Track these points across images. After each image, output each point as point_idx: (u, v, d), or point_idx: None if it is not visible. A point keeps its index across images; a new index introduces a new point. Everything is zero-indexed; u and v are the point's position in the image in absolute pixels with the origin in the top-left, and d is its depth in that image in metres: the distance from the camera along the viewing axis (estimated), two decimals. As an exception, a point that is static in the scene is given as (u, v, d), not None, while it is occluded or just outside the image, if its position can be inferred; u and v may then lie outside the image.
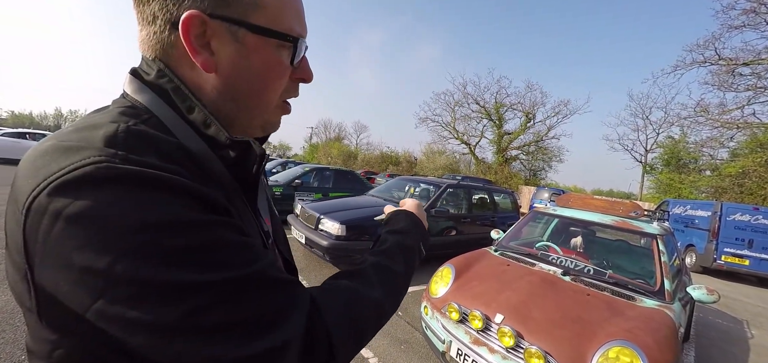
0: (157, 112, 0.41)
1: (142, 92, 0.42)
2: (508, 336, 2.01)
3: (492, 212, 6.80)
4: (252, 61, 0.43)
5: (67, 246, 0.29)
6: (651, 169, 25.48)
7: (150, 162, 0.33)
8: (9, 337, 2.31)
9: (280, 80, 0.47)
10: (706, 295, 2.50)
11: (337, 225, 4.24)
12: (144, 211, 0.31)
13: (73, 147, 0.33)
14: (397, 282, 0.54)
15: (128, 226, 0.30)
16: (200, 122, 0.42)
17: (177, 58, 0.43)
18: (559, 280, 2.60)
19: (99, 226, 0.29)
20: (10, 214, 0.34)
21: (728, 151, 18.94)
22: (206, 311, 0.32)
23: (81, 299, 0.30)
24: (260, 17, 0.42)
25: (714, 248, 8.25)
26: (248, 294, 0.35)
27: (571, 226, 3.93)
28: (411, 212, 0.69)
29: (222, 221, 0.36)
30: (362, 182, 9.33)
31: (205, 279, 0.32)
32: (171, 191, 0.33)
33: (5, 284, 2.96)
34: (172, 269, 0.31)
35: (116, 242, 0.29)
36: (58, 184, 0.30)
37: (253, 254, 0.37)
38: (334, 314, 0.42)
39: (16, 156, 12.11)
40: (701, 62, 17.95)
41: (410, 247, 0.60)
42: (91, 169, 0.30)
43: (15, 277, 0.34)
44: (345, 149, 41.22)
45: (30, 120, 61.74)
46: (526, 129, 29.16)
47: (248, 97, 0.45)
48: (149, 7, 0.40)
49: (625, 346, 1.82)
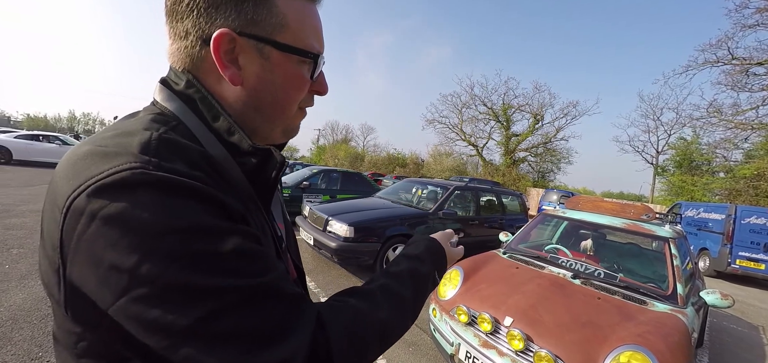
0: (185, 119, 0.45)
1: (171, 101, 0.46)
2: (517, 339, 2.00)
3: (500, 214, 6.76)
4: (276, 75, 0.47)
5: (99, 244, 0.32)
6: (662, 171, 25.02)
7: (179, 169, 0.36)
8: (26, 334, 2.37)
9: (300, 92, 0.50)
10: (720, 300, 2.45)
11: (345, 227, 4.27)
12: (172, 215, 0.33)
13: (110, 152, 0.35)
14: (404, 307, 0.53)
15: (157, 228, 0.32)
16: (224, 130, 0.45)
17: (205, 71, 0.46)
18: (569, 283, 2.57)
19: (130, 227, 0.31)
20: (49, 212, 0.37)
21: (742, 152, 18.57)
22: (218, 317, 0.33)
23: (106, 295, 0.32)
24: (285, 36, 0.46)
25: (728, 252, 8.07)
26: (259, 304, 0.36)
27: (581, 229, 3.89)
28: (433, 238, 0.70)
29: (240, 229, 0.38)
30: (369, 184, 9.35)
31: (220, 284, 0.34)
32: (197, 198, 0.35)
33: (24, 282, 3.05)
34: (191, 272, 0.32)
35: (144, 243, 0.31)
36: (97, 187, 0.32)
37: (266, 264, 0.39)
38: (338, 331, 0.42)
39: (31, 157, 12.39)
40: (714, 62, 17.65)
41: (423, 274, 0.60)
42: (128, 174, 0.33)
43: (48, 271, 0.37)
44: (352, 151, 41.36)
45: (45, 123, 63.15)
46: (534, 130, 28.92)
47: (271, 108, 0.49)
48: (182, 24, 0.43)
49: (636, 351, 1.80)
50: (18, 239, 4.15)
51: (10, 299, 2.76)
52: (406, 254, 0.63)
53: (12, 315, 2.55)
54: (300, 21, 0.47)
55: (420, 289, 0.58)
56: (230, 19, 0.42)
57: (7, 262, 3.44)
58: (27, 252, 3.78)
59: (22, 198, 6.45)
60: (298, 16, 0.47)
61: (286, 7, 0.45)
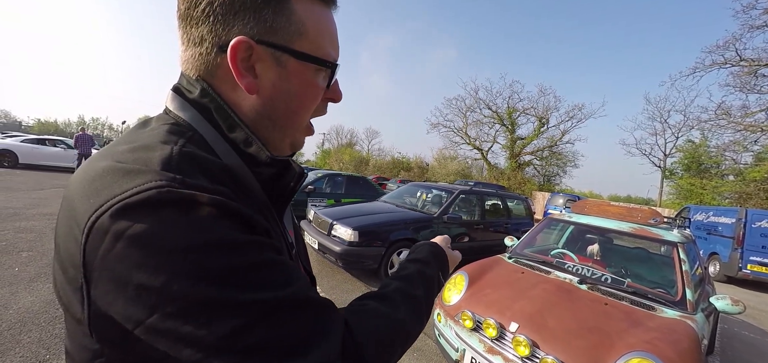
0: (200, 129, 0.44)
1: (185, 110, 0.45)
2: (523, 345, 1.98)
3: (505, 219, 6.72)
4: (292, 84, 0.46)
5: (126, 264, 0.31)
6: (670, 174, 24.74)
7: (203, 185, 0.35)
8: (35, 336, 2.39)
9: (314, 101, 0.50)
10: (731, 306, 2.41)
11: (349, 231, 4.27)
12: (200, 232, 0.33)
13: (132, 169, 0.35)
14: (419, 307, 0.55)
15: (185, 246, 0.32)
16: (241, 141, 0.44)
17: (220, 78, 0.45)
18: (576, 288, 2.54)
19: (158, 246, 0.31)
20: (66, 230, 0.36)
21: (752, 155, 18.28)
22: (249, 330, 0.33)
23: (134, 314, 0.32)
24: (303, 44, 0.45)
25: (739, 257, 7.93)
26: (289, 314, 0.36)
27: (588, 234, 3.85)
28: (434, 243, 0.71)
29: (265, 242, 0.38)
30: (374, 188, 9.36)
31: (250, 298, 0.34)
32: (223, 213, 0.35)
33: (32, 285, 3.08)
34: (221, 288, 0.32)
35: (173, 262, 0.31)
36: (120, 207, 0.32)
37: (291, 274, 0.39)
38: (366, 336, 0.43)
39: (37, 161, 12.57)
40: (721, 64, 17.47)
41: (430, 276, 0.61)
42: (153, 193, 0.32)
43: (66, 289, 0.36)
44: (356, 155, 41.47)
45: (55, 127, 64.17)
46: (539, 134, 28.78)
47: (285, 117, 0.48)
48: (198, 30, 0.42)
49: (645, 358, 1.77)
50: (28, 242, 4.21)
51: (19, 302, 2.80)
52: (412, 259, 0.64)
53: (21, 317, 2.58)
54: (318, 28, 0.46)
55: (430, 290, 0.59)
56: (248, 27, 0.41)
57: (17, 265, 3.49)
58: (36, 255, 3.83)
59: (32, 202, 6.55)
60: (316, 24, 0.46)
61: (305, 15, 0.44)
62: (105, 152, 0.40)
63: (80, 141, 12.08)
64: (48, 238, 4.49)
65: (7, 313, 2.61)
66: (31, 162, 12.50)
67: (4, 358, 2.14)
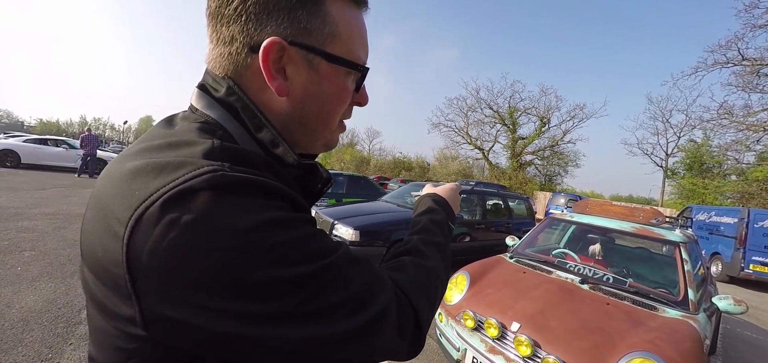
0: (229, 128, 0.43)
1: (213, 108, 0.44)
2: (524, 345, 1.98)
3: (507, 218, 6.71)
4: (323, 87, 0.45)
5: (184, 251, 0.30)
6: (672, 174, 24.64)
7: (252, 171, 0.36)
8: (37, 335, 2.40)
9: (344, 105, 0.49)
10: (733, 306, 2.40)
11: (350, 230, 4.27)
12: (256, 212, 0.33)
13: (174, 163, 0.34)
14: (444, 251, 0.59)
15: (245, 226, 0.32)
16: (268, 142, 0.44)
17: (248, 79, 0.43)
18: (577, 288, 2.54)
19: (218, 228, 0.31)
20: (101, 229, 0.34)
21: (755, 154, 18.21)
22: (316, 296, 0.35)
23: (200, 299, 0.31)
24: (335, 46, 0.44)
25: (741, 256, 7.91)
26: (344, 273, 0.38)
27: (589, 233, 3.84)
28: (435, 193, 0.73)
29: (308, 218, 0.40)
30: (375, 188, 9.35)
31: (314, 267, 0.35)
32: (272, 194, 0.36)
33: (35, 284, 3.10)
34: (284, 261, 0.33)
35: (236, 242, 0.31)
36: (173, 195, 0.31)
37: (333, 242, 0.40)
38: (409, 286, 0.46)
39: (39, 161, 12.60)
40: (724, 63, 17.41)
41: (441, 221, 0.65)
42: (208, 177, 0.32)
43: (105, 292, 0.34)
44: (358, 155, 41.48)
45: (57, 127, 64.39)
46: (540, 133, 28.71)
47: (315, 120, 0.48)
48: (228, 29, 0.41)
49: (646, 358, 1.77)
50: (30, 242, 4.22)
51: (21, 301, 2.81)
52: (420, 212, 0.67)
53: (23, 317, 2.59)
54: (350, 31, 0.45)
55: (446, 234, 0.63)
56: (282, 27, 0.40)
57: (19, 265, 3.51)
58: (38, 255, 3.85)
59: (34, 201, 6.57)
60: (349, 26, 0.45)
61: (339, 16, 0.44)
62: (133, 152, 0.39)
63: (86, 141, 12.12)
64: (50, 237, 4.51)
65: (10, 313, 2.62)
66: (34, 162, 12.54)
67: (7, 357, 2.15)
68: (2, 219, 5.05)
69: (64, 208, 6.32)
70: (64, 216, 5.75)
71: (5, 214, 5.31)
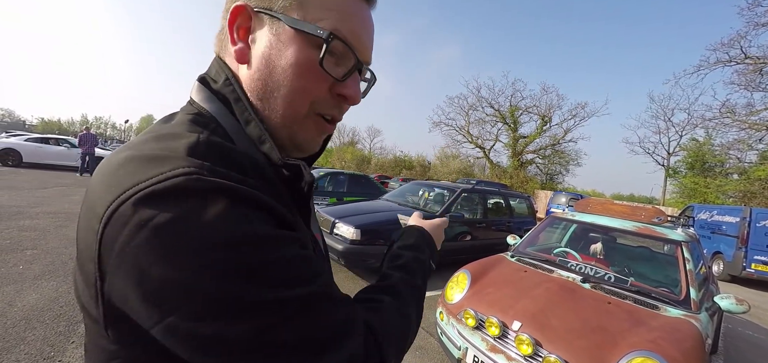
0: (223, 122, 0.43)
1: (210, 102, 0.44)
2: (526, 344, 1.98)
3: (508, 217, 6.70)
4: (283, 57, 0.41)
5: (149, 256, 0.28)
6: (674, 173, 24.54)
7: (232, 175, 0.34)
8: (39, 334, 2.41)
9: (306, 81, 0.42)
10: (735, 305, 2.39)
11: (351, 229, 4.27)
12: (230, 224, 0.30)
13: (157, 156, 0.33)
14: (420, 297, 0.57)
15: (214, 239, 0.29)
16: (256, 138, 0.43)
17: (225, 49, 0.45)
18: (579, 287, 2.54)
19: (186, 237, 0.29)
20: (85, 223, 0.34)
21: (757, 153, 18.11)
22: (279, 328, 0.32)
23: (155, 311, 0.29)
24: (302, 13, 0.41)
25: (743, 256, 7.88)
26: (315, 311, 0.35)
27: (591, 232, 3.83)
28: (422, 228, 0.70)
29: (292, 236, 0.36)
30: (376, 186, 9.35)
31: (278, 296, 0.32)
32: (252, 206, 0.33)
33: (37, 283, 3.11)
34: (250, 284, 0.31)
35: (202, 255, 0.29)
36: (146, 194, 0.30)
37: (316, 269, 0.38)
38: (383, 334, 0.43)
39: (41, 160, 12.63)
40: (726, 62, 17.32)
41: (424, 261, 0.62)
42: (183, 180, 0.30)
43: (82, 286, 0.35)
44: (358, 153, 41.43)
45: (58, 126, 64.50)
46: (542, 132, 28.64)
47: (273, 97, 0.43)
48: (225, 6, 0.44)
49: (648, 357, 1.76)
50: (32, 240, 4.24)
51: (23, 299, 2.82)
52: (405, 245, 0.64)
53: (25, 315, 2.60)
54: (321, 3, 0.42)
55: (425, 278, 0.61)
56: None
57: (21, 263, 3.52)
58: (40, 253, 3.86)
59: (36, 200, 6.59)
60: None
61: None
62: (127, 145, 0.39)
63: (84, 140, 12.14)
64: (52, 236, 4.52)
65: (12, 311, 2.63)
66: (35, 161, 12.57)
67: (10, 355, 2.16)
68: (4, 218, 5.06)
69: (65, 207, 6.34)
70: (66, 215, 5.76)
71: (7, 213, 5.33)
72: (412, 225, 0.72)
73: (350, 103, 0.47)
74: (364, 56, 0.46)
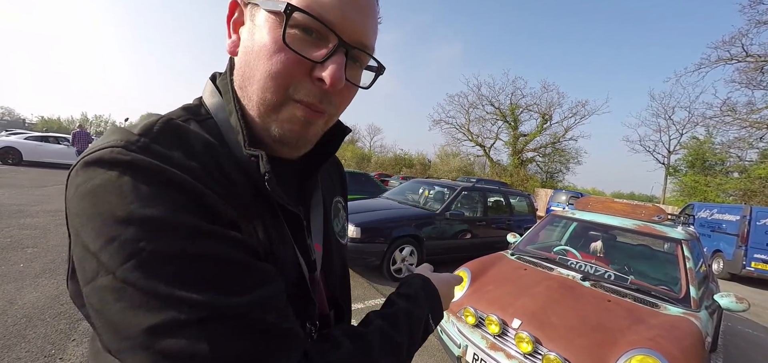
0: (217, 114, 0.44)
1: (213, 95, 0.46)
2: (525, 342, 1.98)
3: (508, 215, 6.71)
4: (254, 37, 0.40)
5: (77, 220, 0.32)
6: (674, 171, 24.54)
7: (171, 156, 0.34)
8: (40, 331, 2.41)
9: (274, 61, 0.38)
10: (735, 303, 2.39)
11: (351, 227, 4.27)
12: (142, 202, 0.30)
13: (113, 132, 0.36)
14: (399, 354, 0.47)
15: (123, 214, 0.30)
16: (233, 128, 0.43)
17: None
18: (579, 285, 2.54)
19: (99, 207, 0.31)
20: None
21: (758, 152, 18.13)
22: (175, 332, 0.29)
23: (80, 275, 0.32)
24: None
25: (743, 254, 7.88)
26: (227, 327, 0.30)
27: (591, 230, 3.83)
28: (429, 279, 0.62)
29: (222, 234, 0.33)
30: (376, 185, 9.35)
31: (183, 294, 0.29)
32: (175, 189, 0.32)
33: (38, 281, 3.11)
34: (154, 272, 0.29)
35: (110, 227, 0.30)
36: (84, 161, 0.33)
37: (251, 281, 0.34)
38: None
39: (40, 158, 12.62)
40: (727, 59, 17.29)
41: (417, 317, 0.53)
42: (106, 152, 0.32)
43: None
44: (358, 152, 41.48)
45: (58, 125, 64.39)
46: (542, 130, 28.64)
47: (250, 83, 0.41)
48: None
49: (648, 355, 1.77)
50: (32, 239, 4.24)
51: (24, 297, 2.82)
52: (402, 293, 0.56)
53: (26, 313, 2.61)
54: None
55: (414, 334, 0.52)
56: None
57: (22, 261, 3.52)
58: (41, 251, 3.86)
59: (36, 198, 6.59)
60: None
61: None
62: None
63: (77, 138, 12.11)
64: (52, 234, 4.52)
65: (13, 309, 2.64)
66: (35, 159, 12.57)
67: (11, 353, 2.16)
68: (4, 216, 5.07)
69: (66, 205, 6.34)
70: (66, 213, 5.77)
71: (7, 212, 5.33)
72: (418, 274, 0.63)
73: (328, 87, 0.39)
74: (350, 35, 0.40)
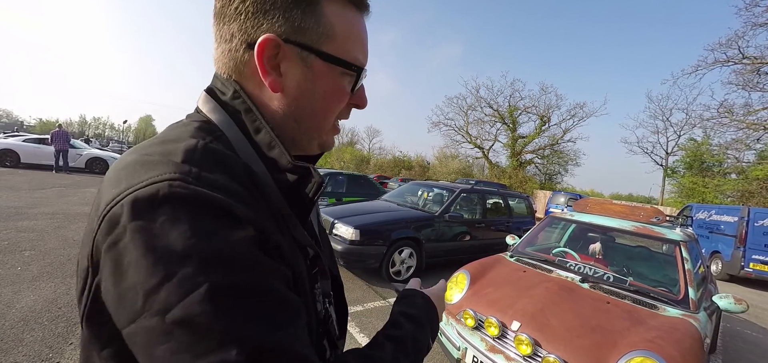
0: (228, 132, 0.44)
1: (217, 112, 0.46)
2: (525, 344, 1.98)
3: (507, 217, 6.71)
4: (317, 85, 0.46)
5: (125, 258, 0.30)
6: (672, 173, 24.62)
7: (219, 182, 0.35)
8: (37, 335, 2.40)
9: (339, 104, 0.49)
10: (734, 305, 2.40)
11: (350, 230, 4.27)
12: (202, 239, 0.30)
13: (154, 161, 0.35)
14: None
15: (182, 251, 0.29)
16: (265, 144, 0.45)
17: (247, 76, 0.46)
18: (578, 287, 2.54)
19: (155, 245, 0.29)
20: (89, 222, 0.36)
21: (755, 153, 18.25)
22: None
23: (122, 315, 0.30)
24: (331, 46, 0.45)
25: (741, 255, 7.91)
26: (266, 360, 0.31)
27: (590, 232, 3.83)
28: (428, 298, 0.65)
29: (271, 267, 0.35)
30: (375, 187, 9.35)
31: (236, 333, 0.29)
32: (232, 221, 0.33)
33: (35, 284, 3.10)
34: (209, 310, 0.29)
35: (166, 266, 0.29)
36: (133, 197, 0.32)
37: (289, 314, 0.35)
38: None
39: (38, 160, 12.55)
40: (724, 61, 17.39)
41: (423, 341, 0.57)
42: (164, 185, 0.32)
43: (78, 280, 0.36)
44: (358, 154, 41.51)
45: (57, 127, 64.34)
46: (540, 132, 28.73)
47: (310, 118, 0.48)
48: (229, 27, 0.43)
49: (647, 357, 1.77)
50: (30, 241, 4.22)
51: (21, 301, 2.81)
52: (406, 314, 0.58)
53: (23, 316, 2.59)
54: (347, 33, 0.46)
55: (418, 357, 0.55)
56: (277, 25, 0.42)
57: (19, 264, 3.50)
58: (38, 254, 3.85)
59: (34, 201, 6.57)
60: (346, 28, 0.46)
61: (334, 18, 0.45)
62: (136, 147, 0.41)
63: (55, 137, 12.07)
64: (50, 237, 4.50)
65: (10, 312, 2.62)
66: (33, 161, 12.51)
67: (8, 357, 2.15)
68: (2, 218, 5.05)
69: (63, 208, 6.32)
70: (64, 215, 5.75)
71: (5, 214, 5.31)
72: (416, 290, 0.66)
73: (361, 108, 0.54)
74: (366, 62, 0.51)
